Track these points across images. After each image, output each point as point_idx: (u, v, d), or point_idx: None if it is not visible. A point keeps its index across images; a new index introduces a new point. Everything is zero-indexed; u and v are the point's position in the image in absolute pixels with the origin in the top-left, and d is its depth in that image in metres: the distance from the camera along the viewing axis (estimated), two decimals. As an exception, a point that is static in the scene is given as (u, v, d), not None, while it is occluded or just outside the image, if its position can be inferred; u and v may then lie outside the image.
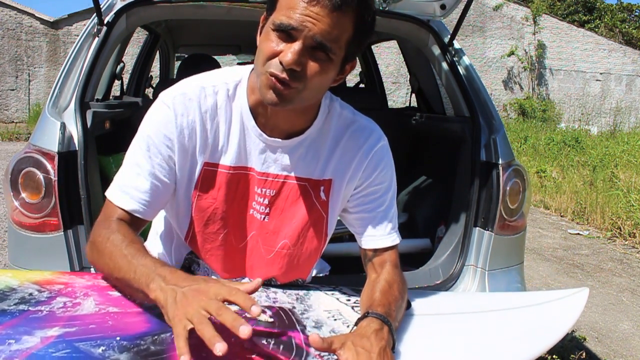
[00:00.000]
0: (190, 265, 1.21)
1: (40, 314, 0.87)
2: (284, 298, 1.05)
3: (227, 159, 1.04)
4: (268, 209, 1.08)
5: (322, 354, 0.84)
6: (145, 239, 1.35)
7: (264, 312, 0.94)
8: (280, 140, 1.04)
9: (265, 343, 0.85)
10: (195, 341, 0.74)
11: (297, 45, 0.88)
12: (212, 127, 1.03)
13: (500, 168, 1.80)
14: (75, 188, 1.55)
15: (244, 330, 0.71)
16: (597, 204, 5.61)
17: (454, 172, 2.06)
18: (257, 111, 1.03)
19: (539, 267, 4.10)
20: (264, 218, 1.09)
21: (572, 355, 2.49)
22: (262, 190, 1.07)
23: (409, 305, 1.08)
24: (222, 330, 0.73)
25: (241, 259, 1.14)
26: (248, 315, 0.79)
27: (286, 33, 0.89)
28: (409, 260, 2.31)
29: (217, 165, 1.05)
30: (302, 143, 1.06)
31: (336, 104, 1.10)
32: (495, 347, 0.98)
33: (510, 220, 1.82)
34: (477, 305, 1.16)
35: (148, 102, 2.68)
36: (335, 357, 0.83)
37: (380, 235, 1.12)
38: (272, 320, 0.93)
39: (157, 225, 1.31)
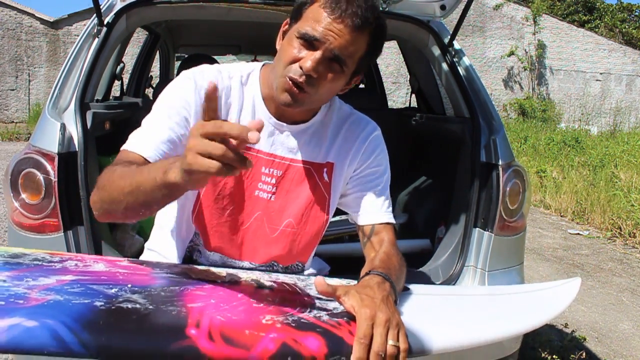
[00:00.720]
0: (192, 253, 1.22)
1: (54, 266, 0.94)
2: (282, 277, 1.07)
3: None
4: (275, 188, 1.16)
5: (328, 305, 0.87)
6: (147, 238, 1.35)
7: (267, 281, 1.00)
8: (287, 125, 1.14)
9: (270, 299, 0.89)
10: (206, 288, 0.79)
11: (317, 54, 0.99)
12: (226, 106, 1.11)
13: (500, 169, 1.80)
14: (75, 189, 1.55)
15: (253, 136, 0.68)
16: (597, 204, 5.61)
17: (453, 172, 2.06)
18: (268, 100, 1.13)
19: (539, 267, 4.10)
20: (270, 197, 1.16)
21: (572, 355, 2.50)
22: (269, 171, 1.14)
23: (405, 289, 1.10)
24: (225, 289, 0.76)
25: (245, 238, 1.18)
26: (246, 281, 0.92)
27: (309, 42, 1.00)
28: (409, 261, 2.30)
29: None
30: (307, 130, 1.16)
31: (337, 99, 1.22)
32: (485, 322, 1.01)
33: (510, 221, 1.82)
34: (470, 291, 1.21)
35: (148, 103, 2.69)
36: (341, 307, 0.87)
37: (377, 211, 1.20)
38: (274, 285, 0.97)
39: (161, 219, 1.32)
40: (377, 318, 0.81)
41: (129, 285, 0.87)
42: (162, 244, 1.27)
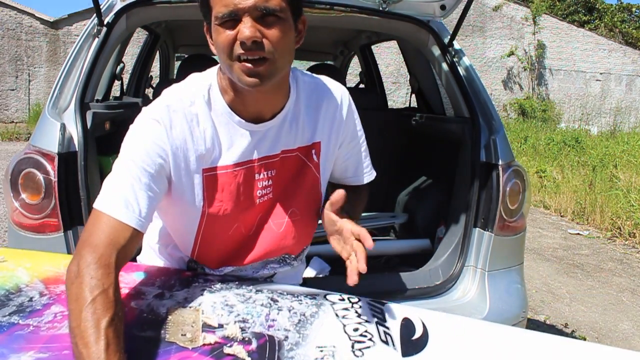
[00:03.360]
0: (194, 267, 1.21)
1: (26, 329, 0.90)
2: (283, 322, 1.01)
3: (224, 160, 1.07)
4: (271, 188, 1.14)
5: None
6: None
7: (247, 344, 0.93)
8: (266, 123, 1.09)
9: None
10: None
11: (247, 20, 0.94)
12: (201, 134, 1.05)
13: (500, 169, 1.80)
14: (75, 189, 1.55)
15: None
16: (597, 204, 5.61)
17: (453, 172, 2.06)
18: (237, 107, 1.07)
19: (539, 267, 4.10)
20: (269, 196, 1.14)
21: (572, 356, 2.49)
22: (263, 175, 1.12)
23: (425, 340, 1.04)
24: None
25: (252, 243, 1.17)
26: (225, 351, 0.90)
27: (232, 20, 0.95)
28: (409, 261, 2.31)
29: (216, 168, 1.07)
30: (285, 118, 1.12)
31: (297, 72, 1.17)
32: None
33: (510, 221, 1.82)
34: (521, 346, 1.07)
35: (148, 103, 2.69)
36: None
37: (362, 174, 1.28)
38: (249, 359, 0.91)
39: (151, 238, 1.29)
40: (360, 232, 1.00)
41: None
42: (156, 259, 1.26)
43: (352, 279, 0.97)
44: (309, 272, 2.16)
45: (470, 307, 1.77)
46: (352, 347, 0.97)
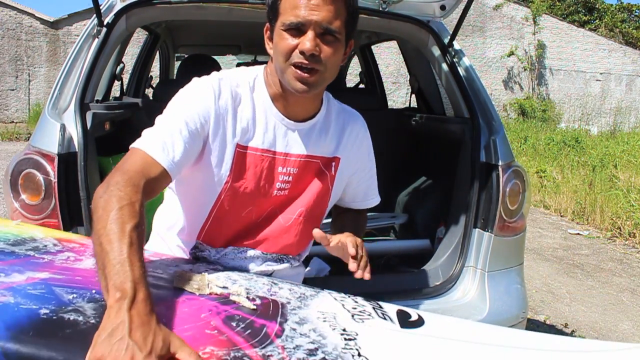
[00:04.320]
0: (197, 253, 1.24)
1: (41, 260, 0.96)
2: (284, 294, 1.05)
3: (256, 142, 1.17)
4: (289, 185, 1.22)
5: (285, 345, 0.85)
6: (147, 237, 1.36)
7: (251, 300, 0.97)
8: (299, 123, 1.20)
9: (234, 325, 0.86)
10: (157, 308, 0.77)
11: (310, 34, 1.06)
12: (240, 113, 1.16)
13: (500, 169, 1.80)
14: (75, 189, 1.56)
15: None
16: (597, 204, 5.61)
17: (453, 173, 2.06)
18: (277, 101, 1.18)
19: (539, 267, 4.10)
20: (285, 192, 1.23)
21: (572, 356, 2.49)
22: (286, 170, 1.21)
23: (422, 322, 1.07)
24: (189, 304, 0.77)
25: (260, 230, 1.24)
26: (231, 298, 0.94)
27: (297, 29, 1.06)
28: (409, 261, 2.31)
29: (247, 148, 1.17)
30: (315, 126, 1.23)
31: (328, 93, 1.30)
32: None
33: (510, 222, 1.83)
34: (518, 341, 1.09)
35: (148, 103, 2.69)
36: (295, 354, 0.84)
37: (368, 199, 1.40)
38: (254, 307, 0.94)
39: (159, 224, 1.33)
40: (357, 241, 1.15)
41: (93, 291, 0.85)
42: (164, 248, 1.28)
43: (360, 273, 1.13)
44: (309, 272, 2.16)
45: (470, 307, 1.77)
46: (352, 317, 1.01)
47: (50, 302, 0.80)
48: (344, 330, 0.93)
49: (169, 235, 1.29)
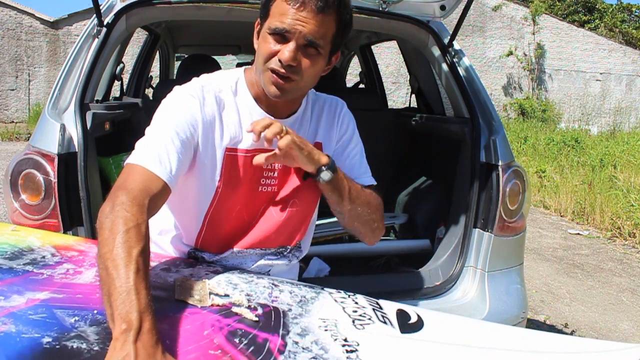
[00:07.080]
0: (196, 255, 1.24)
1: (40, 276, 0.94)
2: (285, 298, 1.05)
3: (244, 144, 1.18)
4: (277, 180, 1.22)
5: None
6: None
7: (253, 309, 0.97)
8: (284, 119, 1.21)
9: (237, 342, 0.86)
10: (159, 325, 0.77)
11: (291, 45, 1.06)
12: (226, 119, 1.17)
13: (500, 169, 1.80)
14: (75, 189, 1.56)
15: None
16: (597, 204, 5.61)
17: (453, 173, 2.06)
18: (260, 100, 1.19)
19: (539, 267, 4.10)
20: (274, 189, 1.23)
21: (572, 356, 2.49)
22: (270, 165, 1.20)
23: (421, 324, 1.07)
24: (191, 320, 0.77)
25: (255, 229, 1.24)
26: (233, 310, 0.93)
27: (281, 35, 1.06)
28: (409, 261, 2.31)
29: (236, 150, 1.18)
30: (296, 120, 1.25)
31: None
32: None
33: (510, 222, 1.83)
34: (513, 342, 1.08)
35: (148, 103, 2.69)
36: None
37: (360, 175, 1.33)
38: (257, 319, 0.93)
39: (153, 228, 1.32)
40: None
41: (95, 312, 0.84)
42: (159, 251, 1.28)
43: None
44: (309, 272, 2.16)
45: (470, 307, 1.77)
46: (353, 322, 1.01)
47: (52, 328, 0.79)
48: (345, 340, 0.93)
49: (162, 241, 1.29)
